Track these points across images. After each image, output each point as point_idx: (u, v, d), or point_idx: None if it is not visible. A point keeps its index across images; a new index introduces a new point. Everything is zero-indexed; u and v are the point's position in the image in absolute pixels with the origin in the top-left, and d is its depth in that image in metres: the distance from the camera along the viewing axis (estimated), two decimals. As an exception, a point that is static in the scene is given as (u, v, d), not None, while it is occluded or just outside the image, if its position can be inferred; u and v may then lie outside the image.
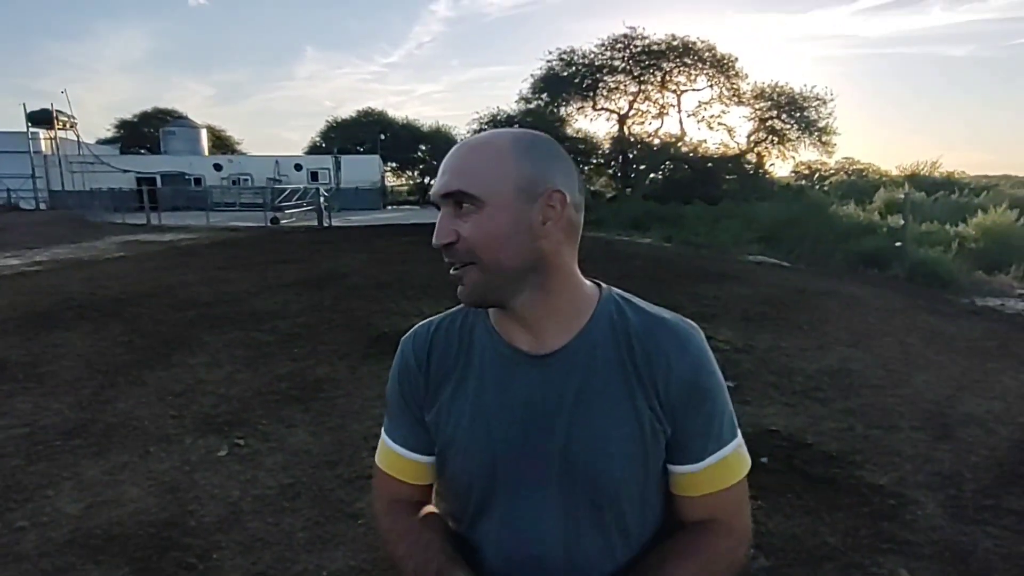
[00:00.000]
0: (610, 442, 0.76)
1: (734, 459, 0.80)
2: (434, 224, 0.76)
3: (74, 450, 3.39)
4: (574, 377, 0.77)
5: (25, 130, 30.43)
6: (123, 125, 41.84)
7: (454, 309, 0.88)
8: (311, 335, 5.76)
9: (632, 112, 27.49)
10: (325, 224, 19.37)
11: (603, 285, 0.84)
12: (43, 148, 30.97)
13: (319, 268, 9.90)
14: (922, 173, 25.79)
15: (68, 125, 32.53)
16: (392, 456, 0.88)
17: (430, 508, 0.90)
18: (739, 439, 0.81)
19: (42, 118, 31.14)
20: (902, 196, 12.92)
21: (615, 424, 0.76)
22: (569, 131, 27.23)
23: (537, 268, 0.75)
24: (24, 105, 30.80)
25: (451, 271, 0.76)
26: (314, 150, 39.31)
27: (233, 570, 2.37)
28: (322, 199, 20.55)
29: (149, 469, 3.18)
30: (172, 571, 2.36)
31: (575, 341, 0.78)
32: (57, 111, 31.61)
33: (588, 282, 0.83)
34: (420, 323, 0.89)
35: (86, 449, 3.40)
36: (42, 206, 30.30)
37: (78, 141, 32.54)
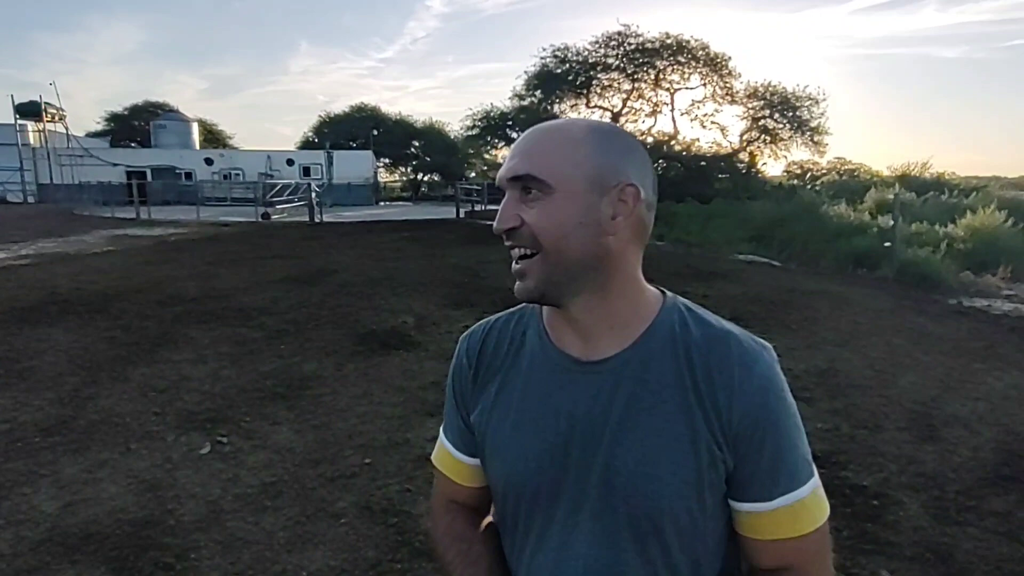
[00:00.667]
0: (658, 464, 0.69)
1: (812, 502, 0.70)
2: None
3: (53, 447, 3.35)
4: (623, 388, 0.71)
5: (13, 122, 30.10)
6: (113, 118, 41.43)
7: (513, 309, 0.85)
8: (298, 332, 5.72)
9: (625, 110, 27.46)
10: (316, 220, 19.25)
11: (667, 293, 0.78)
12: (31, 141, 30.66)
13: (309, 264, 9.84)
14: (912, 174, 25.92)
15: (57, 118, 32.21)
16: (445, 455, 0.88)
17: (489, 519, 0.88)
18: (816, 479, 0.72)
19: (30, 110, 30.82)
20: (892, 196, 12.99)
21: (665, 444, 0.69)
22: None
23: (600, 266, 0.71)
24: (12, 97, 30.58)
25: (515, 264, 0.72)
26: (307, 145, 39.09)
27: (211, 570, 2.34)
28: (314, 195, 20.41)
29: (129, 467, 3.15)
30: (149, 571, 2.33)
31: (629, 350, 0.73)
32: (46, 103, 31.30)
33: (651, 288, 0.77)
34: (480, 321, 0.87)
35: (66, 446, 3.36)
36: (30, 199, 30.01)
37: (67, 134, 32.24)
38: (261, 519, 2.68)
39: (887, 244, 9.85)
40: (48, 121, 31.33)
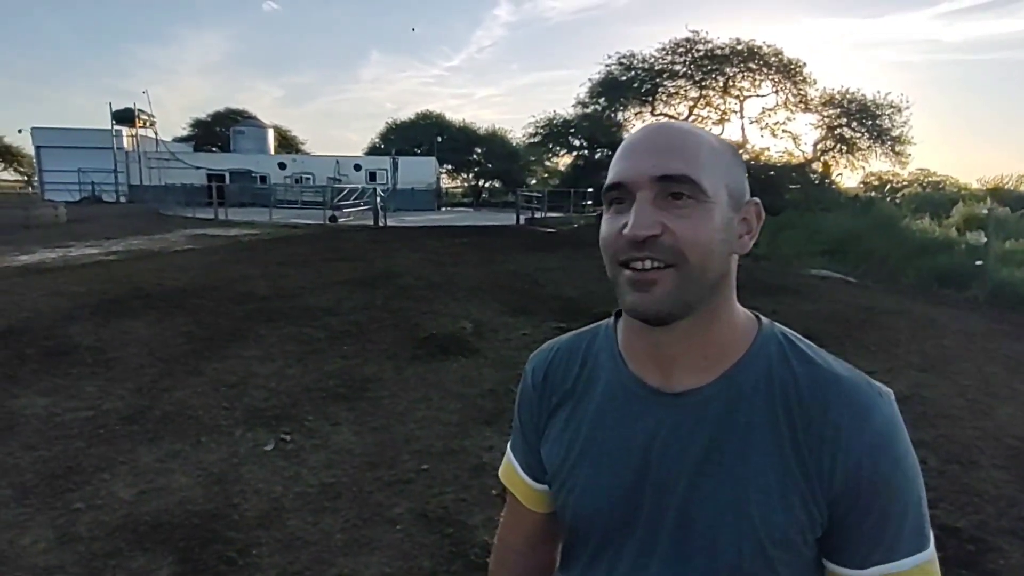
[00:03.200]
0: (740, 516, 0.62)
1: None
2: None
3: (131, 435, 3.52)
4: (705, 427, 0.64)
5: (110, 128, 32.51)
6: (197, 124, 44.11)
7: (583, 329, 0.79)
8: (361, 333, 5.83)
9: (692, 118, 26.87)
10: (381, 224, 19.76)
11: (763, 319, 0.70)
12: (125, 145, 33.01)
13: (372, 267, 10.07)
14: (1006, 187, 24.09)
15: (148, 124, 34.60)
16: (513, 474, 0.84)
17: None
18: (927, 554, 0.62)
19: (125, 117, 33.24)
20: (984, 211, 12.07)
21: (750, 497, 0.62)
22: (626, 136, 26.89)
23: (720, 286, 0.65)
24: (110, 104, 33.06)
25: (643, 270, 0.62)
26: (373, 151, 40.30)
27: (271, 568, 2.38)
28: (379, 199, 20.98)
29: (199, 459, 3.26)
30: (213, 564, 2.39)
31: (715, 384, 0.65)
32: (139, 110, 33.66)
33: (745, 312, 0.70)
34: (548, 341, 0.82)
35: (142, 435, 3.52)
36: (122, 199, 32.30)
37: (156, 139, 34.54)
38: (320, 520, 2.71)
39: (978, 262, 9.14)
40: (140, 127, 33.67)
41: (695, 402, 0.65)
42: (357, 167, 34.32)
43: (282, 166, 34.12)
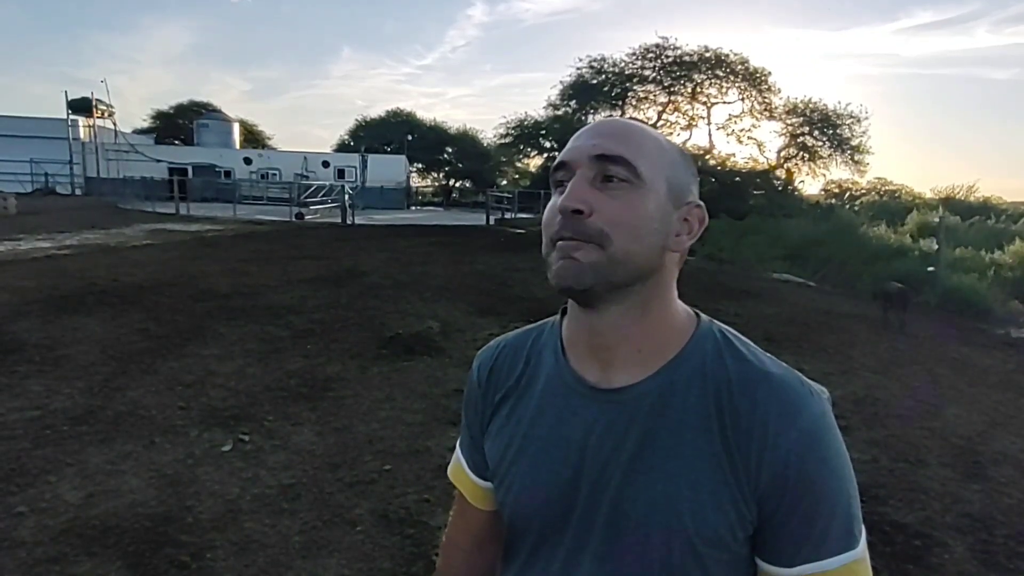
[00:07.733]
0: (670, 513, 0.61)
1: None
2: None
3: (80, 436, 3.39)
4: (639, 424, 0.64)
5: (65, 117, 31.29)
6: (159, 116, 42.73)
7: (531, 326, 0.79)
8: (325, 332, 5.74)
9: (660, 123, 27.26)
10: (349, 222, 19.49)
11: (702, 316, 0.70)
12: (81, 135, 31.81)
13: (339, 265, 9.93)
14: (957, 197, 25.13)
15: (106, 114, 33.38)
16: (460, 471, 0.83)
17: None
18: (855, 553, 0.60)
19: (82, 106, 32.02)
20: (936, 219, 12.57)
21: (681, 492, 0.61)
22: None
23: (649, 280, 0.65)
24: (66, 93, 31.75)
25: (563, 240, 0.62)
26: (343, 148, 39.72)
27: (225, 571, 2.31)
28: (347, 197, 20.68)
29: (152, 460, 3.16)
30: (164, 569, 2.31)
31: (650, 380, 0.65)
32: (97, 100, 32.47)
33: (685, 309, 0.70)
34: (496, 338, 0.82)
35: (92, 436, 3.40)
36: (77, 191, 31.12)
37: (115, 130, 33.36)
38: (278, 522, 2.66)
39: (930, 269, 9.51)
40: (98, 117, 32.48)
41: (630, 398, 0.65)
42: (325, 164, 33.79)
43: (248, 161, 33.35)
